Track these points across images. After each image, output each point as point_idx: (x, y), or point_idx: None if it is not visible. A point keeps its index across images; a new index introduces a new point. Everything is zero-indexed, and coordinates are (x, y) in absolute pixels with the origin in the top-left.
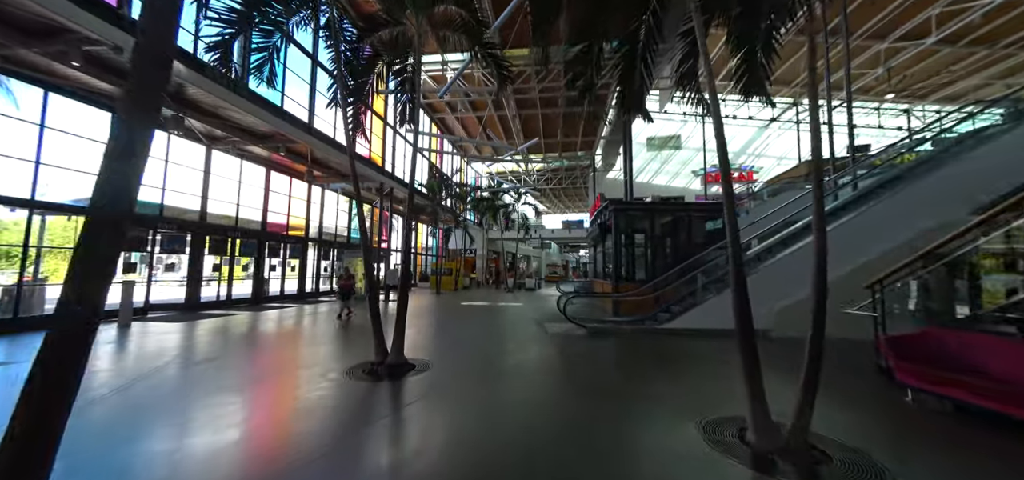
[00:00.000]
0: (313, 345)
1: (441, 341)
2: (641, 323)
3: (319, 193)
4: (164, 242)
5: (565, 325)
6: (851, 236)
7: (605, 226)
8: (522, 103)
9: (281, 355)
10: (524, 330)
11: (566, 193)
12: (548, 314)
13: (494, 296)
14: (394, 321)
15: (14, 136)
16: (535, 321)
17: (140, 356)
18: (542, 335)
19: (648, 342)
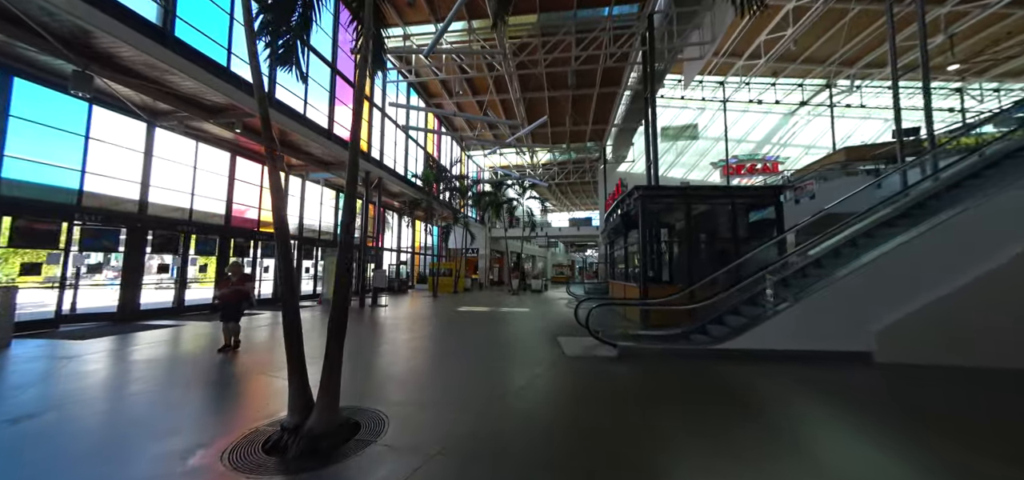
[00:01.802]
0: (199, 387)
1: (419, 370)
2: (684, 339)
3: (299, 185)
4: (85, 237)
5: (584, 340)
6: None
7: (628, 217)
8: (527, 82)
9: (132, 406)
10: (533, 349)
11: (573, 189)
12: (561, 324)
13: (497, 299)
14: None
15: None
16: (546, 334)
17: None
18: (557, 357)
19: (707, 372)
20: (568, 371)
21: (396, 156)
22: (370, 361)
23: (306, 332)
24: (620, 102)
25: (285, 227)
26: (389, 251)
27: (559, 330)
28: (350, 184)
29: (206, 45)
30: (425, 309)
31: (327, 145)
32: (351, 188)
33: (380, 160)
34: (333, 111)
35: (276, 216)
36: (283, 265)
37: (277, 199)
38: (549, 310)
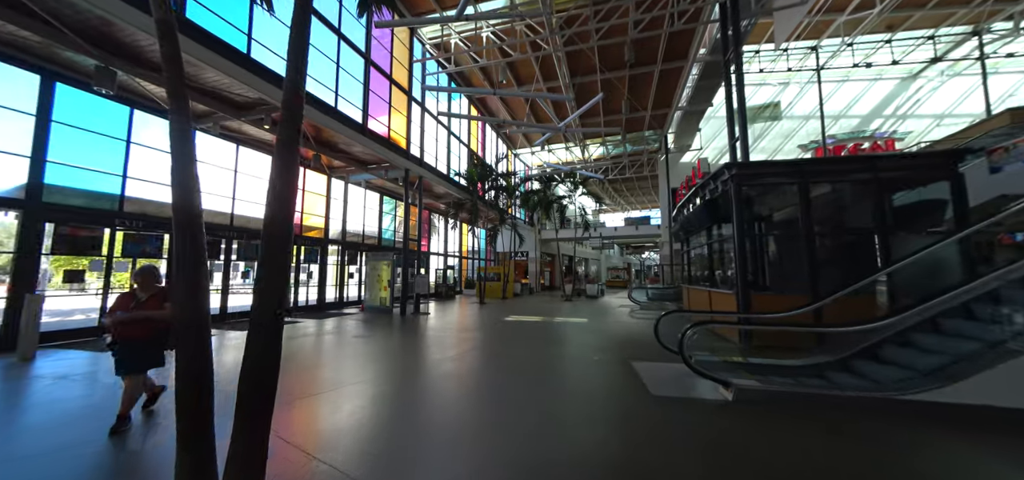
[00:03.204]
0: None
1: (438, 422)
2: (817, 375)
3: (341, 188)
4: (127, 243)
5: (670, 368)
6: None
7: (715, 206)
8: (577, 63)
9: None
10: (602, 383)
11: (629, 186)
12: (629, 341)
13: (550, 307)
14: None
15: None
16: (614, 355)
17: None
18: (639, 399)
19: (918, 447)
20: (661, 427)
21: (438, 154)
22: (379, 395)
23: (332, 346)
24: (687, 79)
25: (189, 205)
26: (436, 255)
27: (630, 350)
28: (284, 127)
29: (223, 29)
30: (469, 318)
31: (362, 141)
32: (287, 132)
33: (421, 158)
34: (367, 105)
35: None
36: (183, 265)
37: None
38: (610, 321)
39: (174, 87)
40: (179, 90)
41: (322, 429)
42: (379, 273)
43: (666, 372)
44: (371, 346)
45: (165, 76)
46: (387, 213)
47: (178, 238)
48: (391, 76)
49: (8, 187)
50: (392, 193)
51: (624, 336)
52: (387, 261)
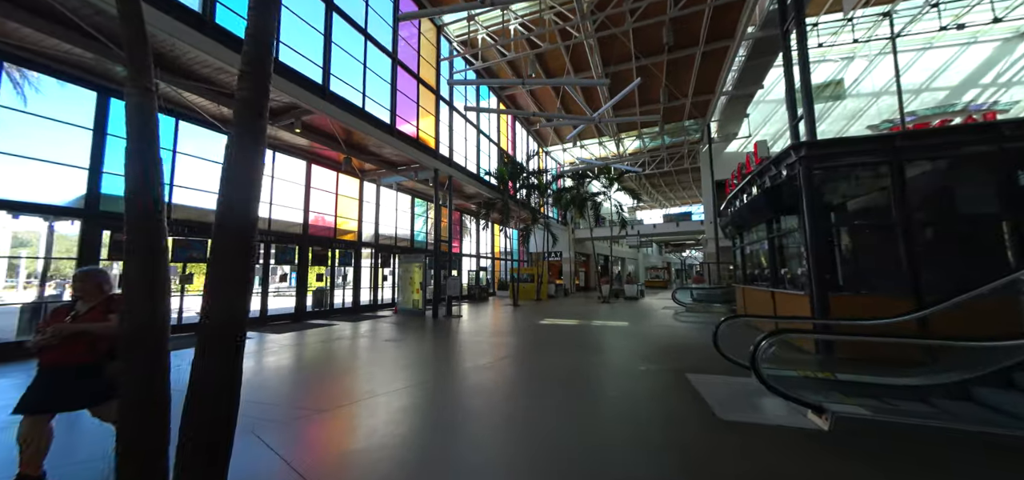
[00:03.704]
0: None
1: (470, 448)
2: (921, 400)
3: (374, 191)
4: (176, 249)
5: (736, 382)
6: None
7: (777, 194)
8: (609, 51)
9: None
10: (654, 401)
11: (667, 181)
12: (679, 346)
13: (586, 309)
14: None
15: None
16: (665, 365)
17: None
18: (703, 424)
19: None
20: (740, 464)
21: (467, 153)
22: (406, 409)
23: (362, 351)
24: (733, 59)
25: (145, 191)
26: (468, 257)
27: (681, 359)
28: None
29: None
30: (503, 321)
31: (391, 142)
32: (247, 111)
33: (450, 158)
34: (395, 105)
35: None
36: (137, 261)
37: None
38: (654, 325)
39: (132, 49)
40: (138, 52)
41: (340, 451)
42: (411, 275)
43: (731, 388)
44: (402, 352)
45: (123, 37)
46: (419, 216)
47: (130, 230)
48: (418, 75)
49: (71, 198)
50: (423, 195)
51: (672, 342)
52: (418, 263)
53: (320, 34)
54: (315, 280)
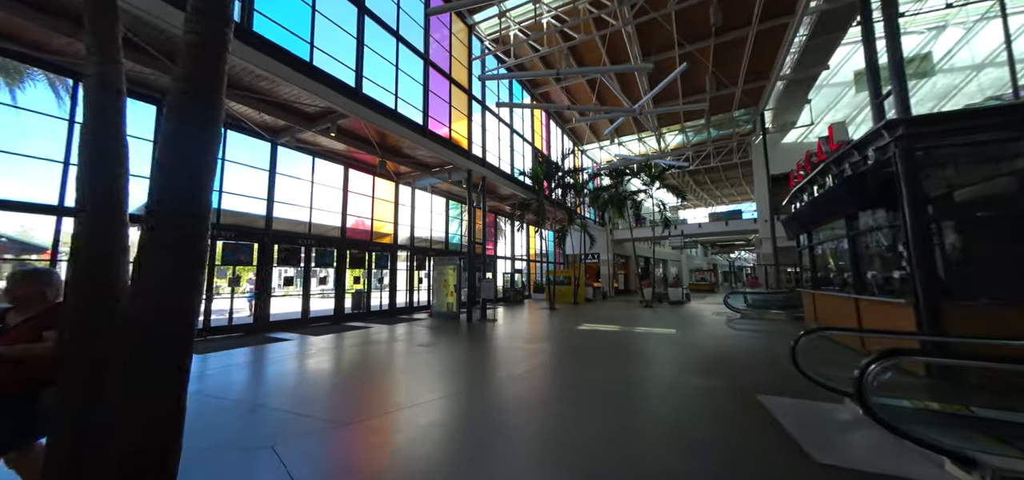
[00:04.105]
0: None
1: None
2: None
3: (408, 194)
4: (225, 252)
5: (822, 408)
6: None
7: (862, 181)
8: (649, 39)
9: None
10: (722, 428)
11: (713, 178)
12: (739, 358)
13: (628, 314)
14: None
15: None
16: (727, 382)
17: None
18: (796, 466)
19: None
20: None
21: (501, 154)
22: (435, 426)
23: (396, 356)
24: (792, 39)
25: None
26: (503, 259)
27: (744, 374)
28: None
29: (287, 39)
30: (539, 326)
31: (424, 143)
32: (198, 89)
33: (483, 158)
34: (427, 106)
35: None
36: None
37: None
38: (705, 333)
39: (94, 13)
40: (102, 19)
41: (360, 474)
42: (445, 278)
43: (819, 418)
44: (434, 358)
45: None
46: (453, 218)
47: (82, 226)
48: (450, 75)
49: (135, 206)
50: (457, 197)
51: (729, 353)
52: (453, 265)
53: (353, 37)
54: (353, 282)
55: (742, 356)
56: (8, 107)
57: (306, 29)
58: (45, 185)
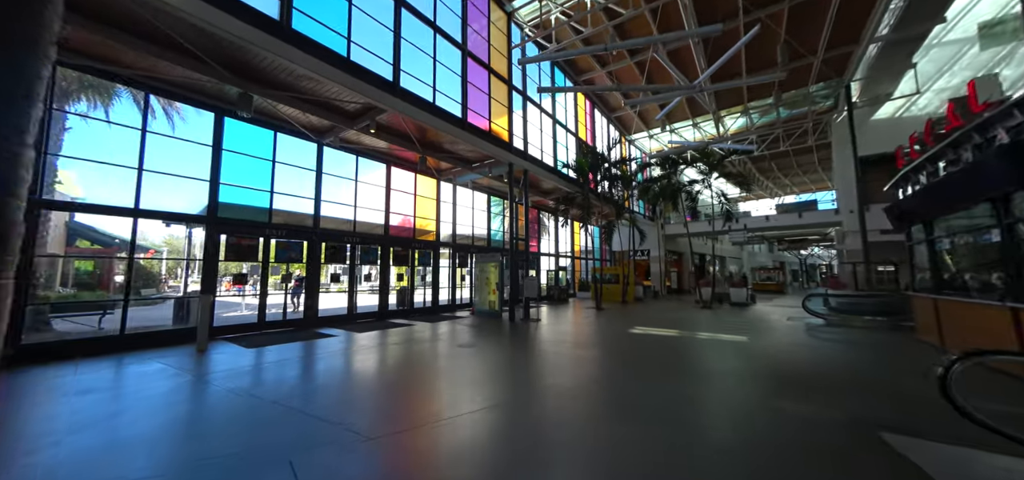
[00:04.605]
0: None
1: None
2: None
3: (450, 191)
4: (278, 250)
5: (1001, 464)
6: None
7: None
8: (708, 4)
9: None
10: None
11: (781, 164)
12: (843, 382)
13: (684, 317)
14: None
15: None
16: (826, 409)
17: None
18: None
19: None
20: None
21: (543, 146)
22: (460, 442)
23: (435, 358)
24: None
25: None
26: (546, 256)
27: (854, 402)
28: None
29: (325, 35)
30: (586, 328)
31: (464, 136)
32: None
33: (524, 151)
34: (466, 98)
35: None
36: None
37: None
38: (783, 342)
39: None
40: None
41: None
42: (487, 275)
43: (994, 476)
44: (475, 362)
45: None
46: (495, 215)
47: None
48: (489, 65)
49: (198, 208)
50: (499, 192)
51: (821, 370)
52: (495, 262)
53: (389, 30)
54: (396, 280)
55: (838, 374)
56: (102, 122)
57: (343, 23)
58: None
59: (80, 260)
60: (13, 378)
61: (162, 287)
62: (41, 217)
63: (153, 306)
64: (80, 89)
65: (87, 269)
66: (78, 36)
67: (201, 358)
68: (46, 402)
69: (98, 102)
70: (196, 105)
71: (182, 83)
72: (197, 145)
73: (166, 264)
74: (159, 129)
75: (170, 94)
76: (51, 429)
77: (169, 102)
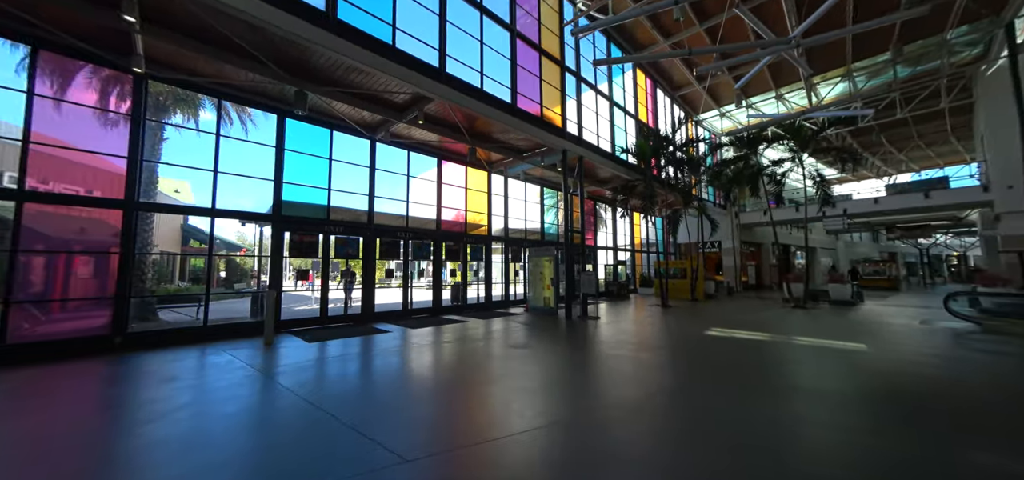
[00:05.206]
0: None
1: None
2: None
3: (501, 184)
4: (338, 247)
5: None
6: None
7: None
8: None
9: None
10: None
11: (895, 136)
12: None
13: (770, 317)
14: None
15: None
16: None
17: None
18: None
19: None
20: None
21: (599, 131)
22: (510, 471)
23: (487, 359)
24: None
25: None
26: (603, 249)
27: None
28: None
29: (369, 23)
30: (652, 329)
31: (514, 123)
32: None
33: (579, 136)
34: (515, 83)
35: None
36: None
37: None
38: (927, 355)
39: None
40: None
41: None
42: (541, 270)
43: None
44: (529, 367)
45: None
46: (549, 207)
47: None
48: (540, 46)
49: (266, 207)
50: (551, 183)
51: (1001, 398)
52: (549, 257)
53: (434, 14)
54: (449, 275)
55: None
56: (191, 131)
57: (388, 10)
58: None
59: (195, 258)
60: (115, 364)
61: (252, 281)
62: (140, 218)
63: (242, 299)
64: (174, 104)
65: (199, 266)
66: (156, 47)
67: (266, 351)
68: (124, 390)
69: (189, 116)
70: (263, 108)
71: (249, 87)
72: (263, 147)
73: (258, 261)
74: (235, 134)
75: (241, 100)
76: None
77: (242, 108)
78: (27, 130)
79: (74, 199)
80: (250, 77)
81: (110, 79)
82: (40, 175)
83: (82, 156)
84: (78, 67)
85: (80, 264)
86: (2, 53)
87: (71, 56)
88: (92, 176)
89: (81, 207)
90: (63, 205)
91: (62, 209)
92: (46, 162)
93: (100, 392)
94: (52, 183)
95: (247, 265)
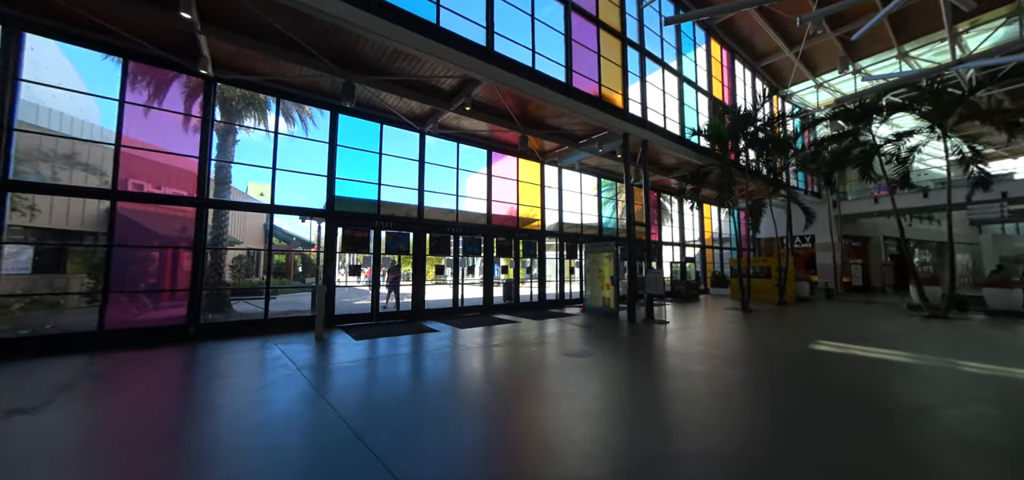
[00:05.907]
0: None
1: None
2: None
3: (555, 175)
4: (388, 242)
5: None
6: None
7: None
8: None
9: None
10: None
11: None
12: None
13: (899, 329)
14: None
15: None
16: None
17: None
18: None
19: None
20: None
21: (666, 111)
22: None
23: (541, 370)
24: None
25: None
26: (668, 245)
27: None
28: None
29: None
30: (735, 339)
31: (569, 104)
32: None
33: (643, 118)
34: (570, 59)
35: None
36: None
37: None
38: None
39: None
40: None
41: None
42: (600, 268)
43: None
44: (590, 384)
45: None
46: (607, 199)
47: None
48: (598, 18)
49: (319, 203)
50: (610, 173)
51: None
52: (608, 253)
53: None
54: (501, 272)
55: None
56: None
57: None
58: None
59: (278, 254)
60: (181, 354)
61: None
62: (216, 216)
63: (306, 293)
64: (244, 107)
65: (281, 261)
66: (218, 48)
67: (317, 346)
68: (164, 386)
69: (258, 119)
70: (317, 105)
71: (303, 84)
72: (317, 143)
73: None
74: (297, 132)
75: (299, 97)
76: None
77: (301, 107)
78: (119, 134)
79: (155, 198)
80: (304, 72)
81: (184, 84)
82: (129, 175)
83: (161, 156)
84: (157, 74)
85: (162, 259)
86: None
87: (150, 64)
88: (176, 176)
89: (162, 205)
90: (151, 203)
91: (151, 208)
92: (133, 164)
93: (141, 386)
94: (144, 183)
95: (316, 260)
